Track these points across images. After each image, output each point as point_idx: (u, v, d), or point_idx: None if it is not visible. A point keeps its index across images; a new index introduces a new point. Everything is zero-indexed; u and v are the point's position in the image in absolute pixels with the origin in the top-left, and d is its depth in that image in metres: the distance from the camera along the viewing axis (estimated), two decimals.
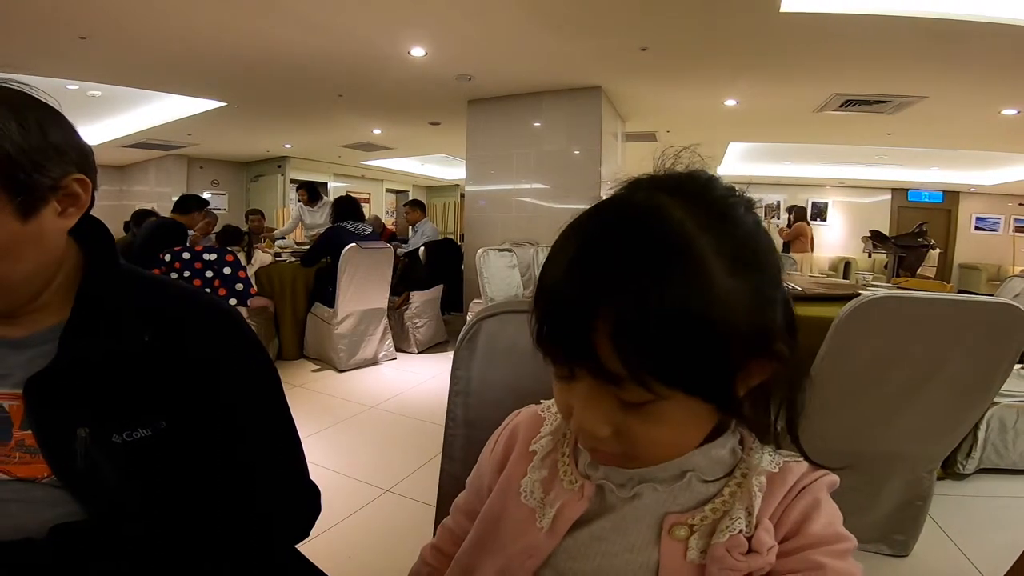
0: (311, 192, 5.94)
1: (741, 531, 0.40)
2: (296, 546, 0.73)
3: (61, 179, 0.58)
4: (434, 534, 0.64)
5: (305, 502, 0.71)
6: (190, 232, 3.89)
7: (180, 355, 0.63)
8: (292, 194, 9.62)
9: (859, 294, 1.55)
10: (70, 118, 0.61)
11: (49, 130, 0.57)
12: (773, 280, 0.40)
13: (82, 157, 0.61)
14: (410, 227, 5.58)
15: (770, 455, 0.45)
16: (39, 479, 0.58)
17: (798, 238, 7.50)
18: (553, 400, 0.52)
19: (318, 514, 0.72)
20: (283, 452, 0.71)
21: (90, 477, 0.58)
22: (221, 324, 0.68)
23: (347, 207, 4.20)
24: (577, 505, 0.46)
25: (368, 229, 4.16)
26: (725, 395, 0.39)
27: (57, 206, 0.59)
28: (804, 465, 0.45)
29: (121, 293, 0.64)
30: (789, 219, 8.05)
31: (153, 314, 0.64)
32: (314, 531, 0.72)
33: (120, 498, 0.60)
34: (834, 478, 0.45)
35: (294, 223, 6.22)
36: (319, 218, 5.79)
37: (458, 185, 12.22)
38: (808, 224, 7.89)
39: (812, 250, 7.85)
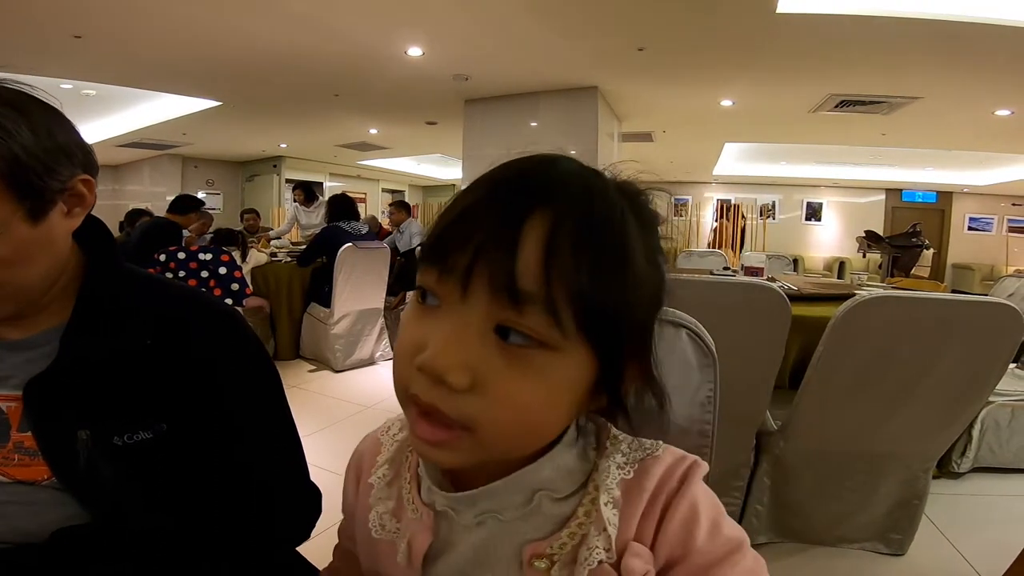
0: (307, 192, 5.91)
1: (602, 560, 0.35)
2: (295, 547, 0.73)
3: (69, 180, 0.58)
4: None
5: (306, 503, 0.71)
6: (185, 232, 3.87)
7: (182, 357, 0.62)
8: (287, 194, 9.59)
9: (854, 294, 1.56)
10: None
11: (56, 132, 0.57)
12: (663, 279, 0.37)
13: (86, 157, 0.61)
14: (395, 228, 5.54)
15: (623, 455, 0.39)
16: (39, 481, 0.58)
17: None
18: (392, 421, 0.49)
19: (319, 515, 0.71)
20: (284, 453, 0.70)
21: (91, 479, 0.58)
22: (223, 325, 0.68)
23: (342, 206, 4.17)
24: (422, 536, 0.41)
25: (364, 228, 4.15)
26: (617, 360, 0.35)
27: (64, 207, 0.59)
28: (666, 458, 0.39)
29: (122, 294, 0.64)
30: None
31: (155, 315, 0.63)
32: (313, 532, 0.72)
33: (121, 500, 0.59)
34: (703, 465, 0.39)
35: (290, 223, 6.20)
36: (315, 218, 5.76)
37: (454, 185, 12.22)
38: None
39: None
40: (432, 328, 0.33)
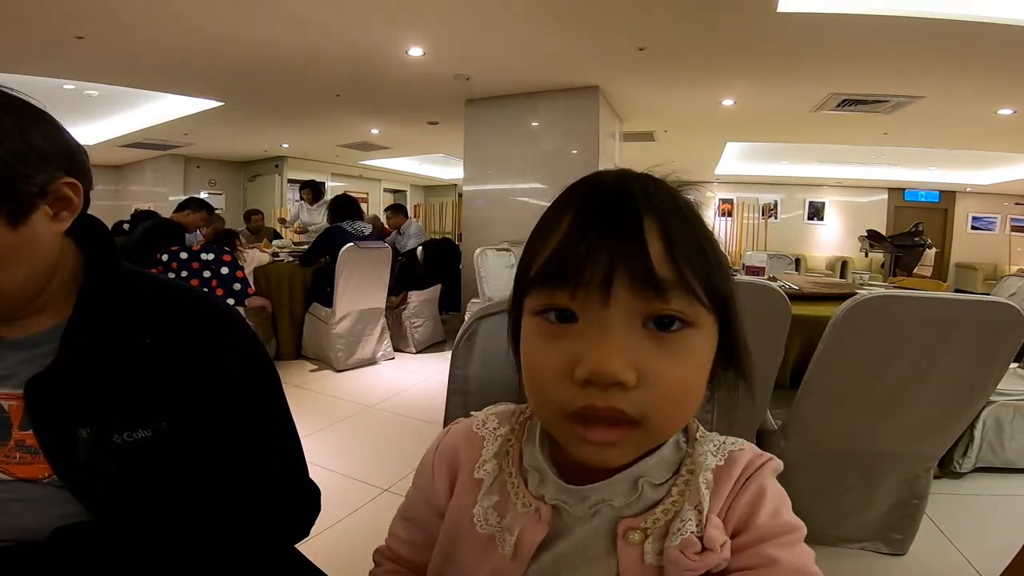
0: (315, 191, 5.95)
1: (692, 531, 0.40)
2: (295, 545, 0.73)
3: (48, 184, 0.57)
4: None
5: (305, 501, 0.71)
6: (198, 235, 3.89)
7: (181, 355, 0.63)
8: (290, 194, 9.61)
9: (856, 293, 1.56)
10: (66, 118, 0.60)
11: (31, 135, 0.56)
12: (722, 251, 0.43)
13: (70, 159, 0.60)
14: (395, 231, 5.56)
15: (715, 445, 0.44)
16: (40, 479, 0.58)
17: None
18: (486, 416, 0.51)
19: (318, 513, 0.72)
20: (283, 452, 0.71)
21: (91, 477, 0.58)
22: (222, 325, 0.68)
23: (344, 207, 4.18)
24: (537, 528, 0.43)
25: (367, 229, 4.15)
26: (734, 327, 0.41)
27: (48, 210, 0.58)
28: (749, 452, 0.44)
29: (122, 293, 0.64)
30: None
31: (154, 314, 0.64)
32: (313, 530, 0.72)
33: (121, 498, 0.60)
34: (778, 463, 0.44)
35: (294, 219, 6.25)
36: (317, 216, 5.79)
37: (455, 185, 12.22)
38: None
39: None
40: (580, 341, 0.36)
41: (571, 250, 0.36)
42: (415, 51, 3.97)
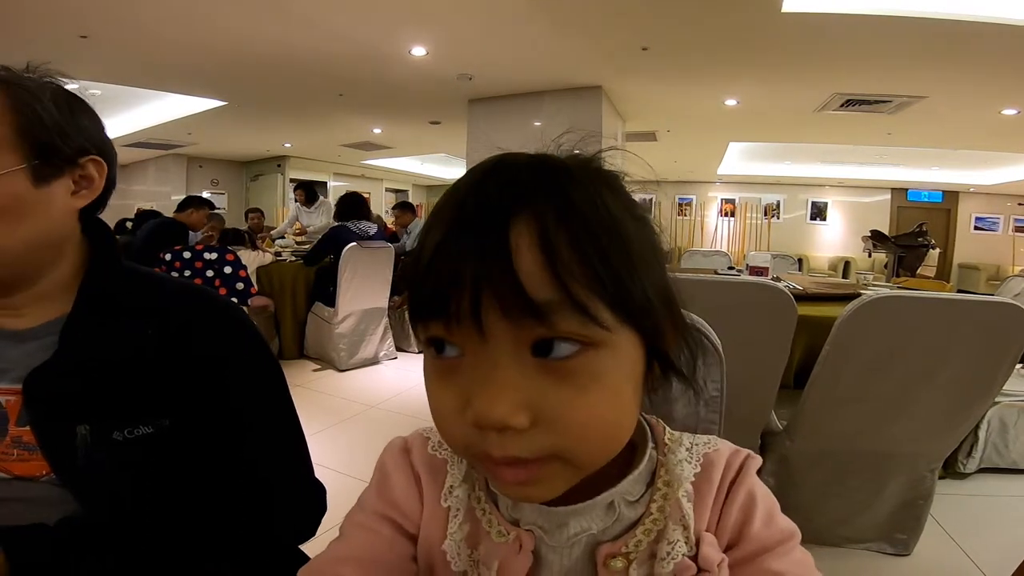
0: (308, 192, 5.93)
1: (684, 554, 0.36)
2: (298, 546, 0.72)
3: (79, 156, 0.61)
4: None
5: (311, 500, 0.71)
6: (199, 235, 3.89)
7: (184, 352, 0.62)
8: (291, 193, 9.63)
9: (861, 294, 1.56)
10: None
11: (79, 114, 0.62)
12: (653, 230, 0.36)
13: (103, 145, 0.64)
14: (402, 229, 5.56)
15: (687, 450, 0.40)
16: (38, 477, 0.57)
17: None
18: (440, 436, 0.42)
19: (324, 512, 0.71)
20: (288, 450, 0.70)
21: (90, 475, 0.57)
22: (225, 322, 0.68)
23: (350, 206, 4.17)
24: (519, 560, 0.38)
25: (373, 229, 4.14)
26: (666, 335, 0.34)
27: (71, 184, 0.60)
28: (725, 451, 0.40)
29: (124, 289, 0.64)
30: None
31: (156, 311, 0.63)
32: (317, 530, 0.72)
33: (121, 497, 0.59)
34: (757, 459, 0.41)
35: (290, 223, 6.23)
36: (315, 219, 5.78)
37: None
38: None
39: None
40: (465, 380, 0.31)
41: (434, 275, 0.30)
42: (418, 51, 3.97)
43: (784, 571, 0.36)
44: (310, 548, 0.73)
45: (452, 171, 11.09)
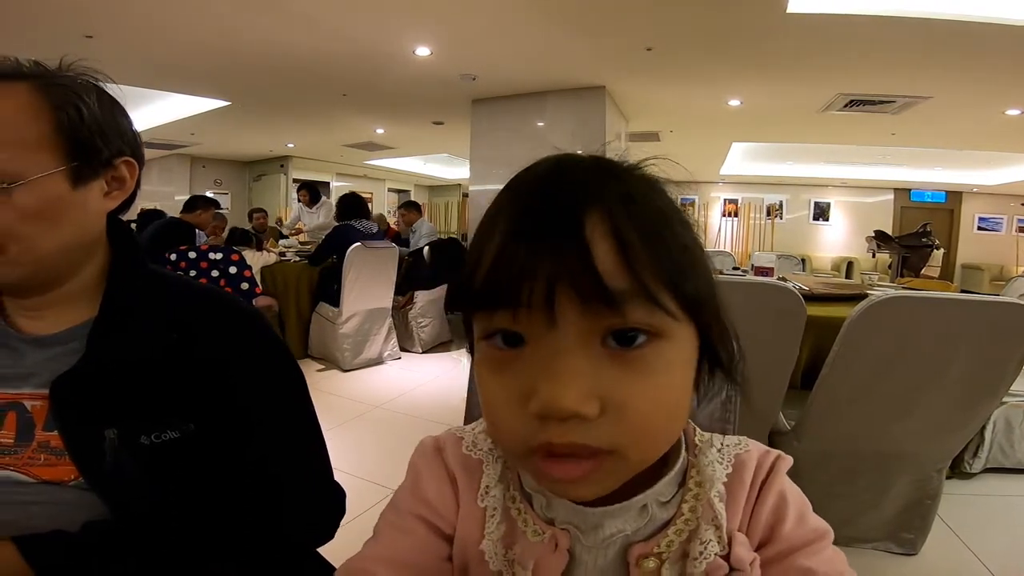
0: (312, 193, 5.95)
1: (716, 553, 0.36)
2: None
3: (115, 158, 0.61)
4: None
5: (327, 501, 0.71)
6: (204, 236, 3.90)
7: (208, 356, 0.63)
8: (294, 193, 9.64)
9: (867, 294, 1.56)
10: None
11: (118, 115, 0.63)
12: (695, 232, 0.37)
13: (136, 147, 0.65)
14: (408, 228, 5.58)
15: (718, 450, 0.41)
16: (66, 482, 0.57)
17: None
18: (475, 435, 0.44)
19: (342, 515, 0.71)
20: (307, 454, 0.70)
21: (117, 479, 0.57)
22: (248, 326, 0.69)
23: (352, 205, 4.18)
24: (554, 559, 0.38)
25: (375, 227, 4.16)
26: (715, 330, 0.35)
27: (104, 185, 0.61)
28: (755, 452, 0.41)
29: (149, 293, 0.64)
30: None
31: (181, 315, 0.64)
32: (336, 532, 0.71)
33: (148, 501, 0.59)
34: (788, 459, 0.41)
35: (294, 221, 6.26)
36: (317, 219, 5.80)
37: (460, 184, 12.23)
38: None
39: None
40: (530, 369, 0.31)
41: (504, 266, 0.31)
42: (422, 51, 3.98)
43: (814, 568, 0.36)
44: (328, 551, 0.73)
45: (455, 171, 11.09)
